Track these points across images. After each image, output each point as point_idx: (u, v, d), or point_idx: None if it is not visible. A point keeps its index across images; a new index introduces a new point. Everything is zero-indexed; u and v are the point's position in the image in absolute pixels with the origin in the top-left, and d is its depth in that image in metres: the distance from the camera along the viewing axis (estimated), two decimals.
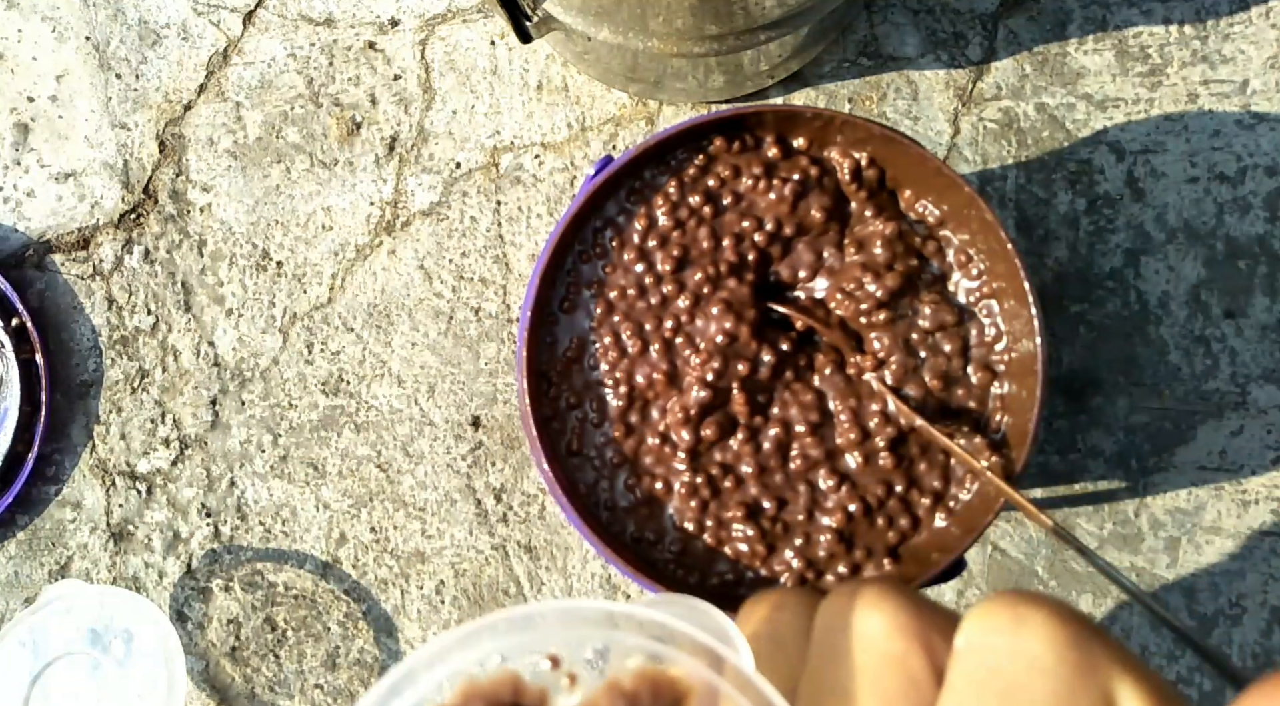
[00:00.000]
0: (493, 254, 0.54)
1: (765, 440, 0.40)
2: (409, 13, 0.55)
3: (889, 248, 0.41)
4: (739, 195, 0.41)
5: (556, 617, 0.16)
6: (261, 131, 0.55)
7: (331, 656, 0.53)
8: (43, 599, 0.51)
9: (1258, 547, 0.51)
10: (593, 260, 0.41)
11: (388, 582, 0.53)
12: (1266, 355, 0.51)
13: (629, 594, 0.52)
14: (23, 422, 0.53)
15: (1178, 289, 0.52)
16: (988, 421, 0.40)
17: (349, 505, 0.53)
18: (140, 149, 0.55)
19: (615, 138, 0.54)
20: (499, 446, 0.53)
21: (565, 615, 0.17)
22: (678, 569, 0.40)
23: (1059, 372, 0.52)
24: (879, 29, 0.53)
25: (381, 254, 0.54)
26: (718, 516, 0.40)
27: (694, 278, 0.41)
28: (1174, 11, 0.53)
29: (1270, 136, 0.52)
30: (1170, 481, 0.51)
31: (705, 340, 0.40)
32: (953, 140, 0.53)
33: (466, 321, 0.53)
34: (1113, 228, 0.52)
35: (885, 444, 0.40)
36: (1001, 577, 0.51)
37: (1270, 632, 0.50)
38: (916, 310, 0.41)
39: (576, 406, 0.41)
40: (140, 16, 0.55)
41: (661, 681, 0.16)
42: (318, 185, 0.54)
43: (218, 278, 0.54)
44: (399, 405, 0.53)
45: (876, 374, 0.40)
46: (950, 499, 0.40)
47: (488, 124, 0.54)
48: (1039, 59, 0.53)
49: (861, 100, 0.53)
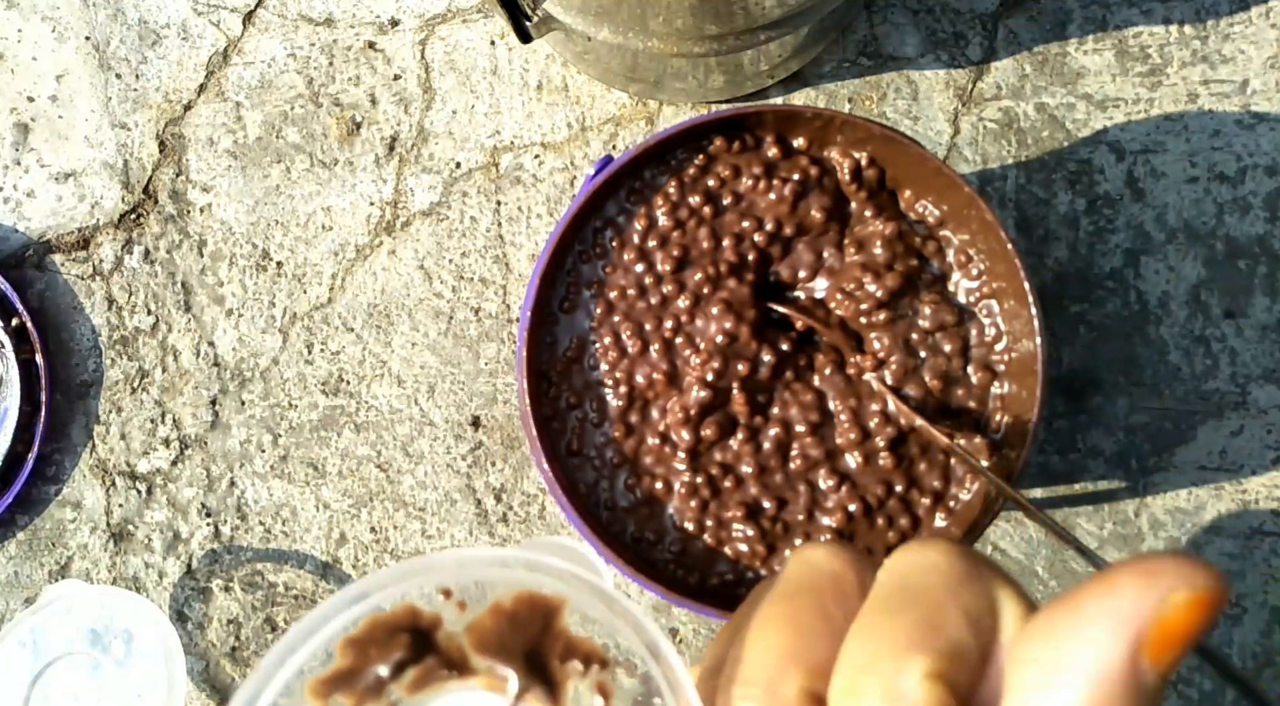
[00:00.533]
0: (493, 254, 0.54)
1: (765, 440, 0.40)
2: (409, 13, 0.55)
3: (889, 248, 0.41)
4: (739, 195, 0.41)
5: (452, 561, 0.19)
6: (261, 131, 0.55)
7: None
8: (43, 599, 0.51)
9: (1258, 547, 0.51)
10: (593, 260, 0.41)
11: None
12: (1266, 355, 0.51)
13: (629, 594, 0.52)
14: (23, 422, 0.53)
15: (1178, 289, 0.52)
16: (988, 421, 0.40)
17: (349, 505, 0.53)
18: (140, 149, 0.55)
19: (615, 138, 0.54)
20: (499, 446, 0.53)
21: (458, 560, 0.19)
22: (678, 569, 0.40)
23: (1059, 372, 0.52)
24: (879, 29, 0.53)
25: (381, 254, 0.54)
26: (718, 516, 0.40)
27: (694, 278, 0.41)
28: (1174, 11, 0.53)
29: (1270, 136, 0.52)
30: (1170, 481, 0.51)
31: (705, 340, 0.40)
32: (953, 140, 0.53)
33: (466, 321, 0.53)
34: (1113, 228, 0.52)
35: (885, 444, 0.40)
36: None
37: (1270, 632, 0.50)
38: (916, 310, 0.41)
39: (576, 406, 0.41)
40: (140, 16, 0.55)
41: (536, 598, 0.19)
42: (318, 185, 0.54)
43: (218, 278, 0.54)
44: (399, 405, 0.53)
45: (876, 374, 0.40)
46: (950, 499, 0.40)
47: (488, 124, 0.54)
48: (1039, 59, 0.53)
49: (861, 100, 0.53)
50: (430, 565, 0.19)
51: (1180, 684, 0.51)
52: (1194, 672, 0.51)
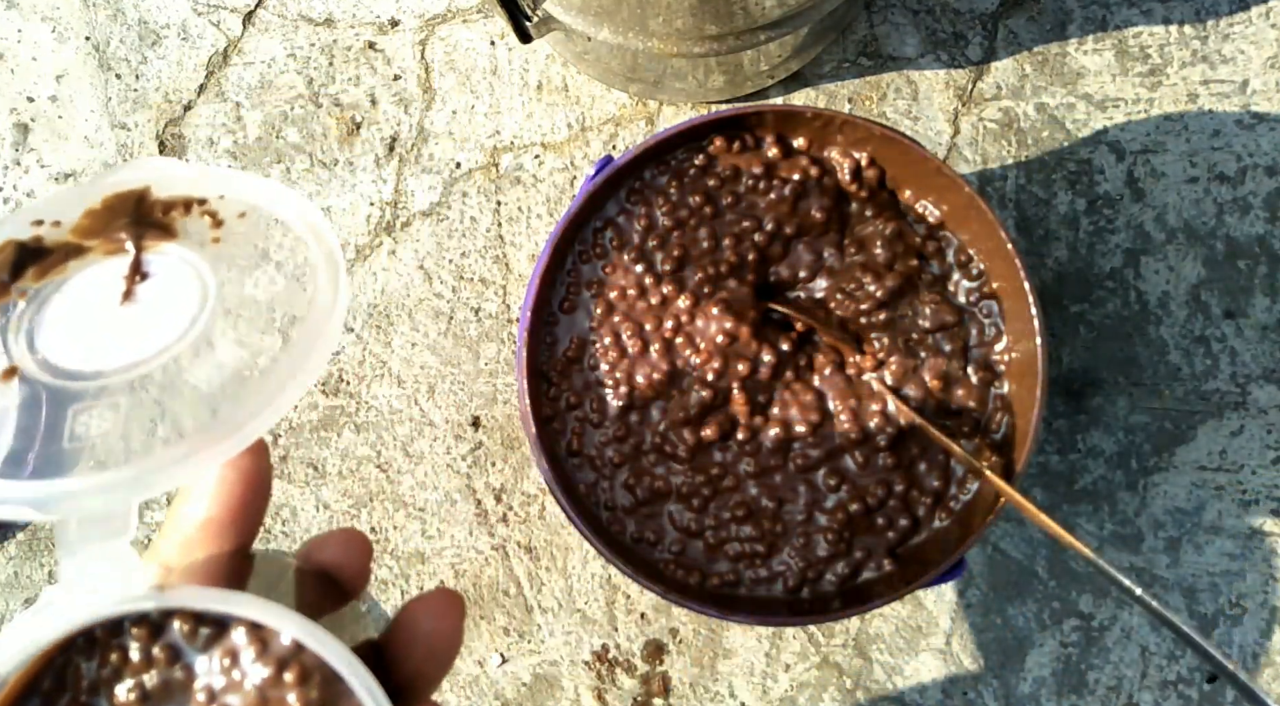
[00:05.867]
0: (493, 254, 0.54)
1: (765, 440, 0.40)
2: (409, 13, 0.55)
3: (889, 248, 0.41)
4: (739, 195, 0.41)
5: (36, 202, 0.22)
6: (261, 131, 0.55)
7: None
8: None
9: (1258, 547, 0.51)
10: (593, 260, 0.41)
11: (388, 583, 0.53)
12: (1266, 355, 0.51)
13: (629, 594, 0.52)
14: None
15: (1178, 289, 0.52)
16: (988, 421, 0.40)
17: (349, 505, 0.53)
18: (140, 149, 0.55)
19: (615, 138, 0.54)
20: (499, 446, 0.53)
21: (41, 199, 0.23)
22: (678, 569, 0.40)
23: (1059, 373, 0.52)
24: (879, 29, 0.53)
25: (381, 254, 0.54)
26: (718, 516, 0.40)
27: (694, 278, 0.41)
28: (1174, 11, 0.53)
29: (1270, 136, 0.52)
30: (1170, 481, 0.51)
31: (705, 340, 0.40)
32: (953, 140, 0.53)
33: (466, 321, 0.53)
34: (1113, 228, 0.52)
35: (885, 444, 0.40)
36: (1001, 577, 0.51)
37: (1270, 632, 0.50)
38: (916, 310, 0.41)
39: (576, 406, 0.41)
40: (140, 16, 0.55)
41: (122, 191, 0.22)
42: (318, 185, 0.54)
43: None
44: (399, 405, 0.53)
45: (876, 374, 0.40)
46: (950, 499, 0.40)
47: (488, 124, 0.54)
48: (1039, 59, 0.53)
49: (861, 100, 0.53)
50: (17, 210, 0.21)
51: (1180, 684, 0.51)
52: (1194, 673, 0.51)
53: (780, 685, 0.51)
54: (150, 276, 0.22)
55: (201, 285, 0.22)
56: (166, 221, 0.22)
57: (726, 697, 0.52)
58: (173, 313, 0.21)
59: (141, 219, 0.22)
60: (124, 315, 0.21)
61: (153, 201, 0.22)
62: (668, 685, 0.52)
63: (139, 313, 0.21)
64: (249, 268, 0.22)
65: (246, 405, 0.19)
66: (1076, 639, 0.51)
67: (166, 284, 0.22)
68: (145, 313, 0.21)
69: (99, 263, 0.22)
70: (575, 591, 0.52)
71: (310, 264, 0.21)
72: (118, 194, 0.22)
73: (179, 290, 0.22)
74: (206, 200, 0.22)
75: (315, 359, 0.20)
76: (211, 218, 0.22)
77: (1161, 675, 0.51)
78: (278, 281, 0.22)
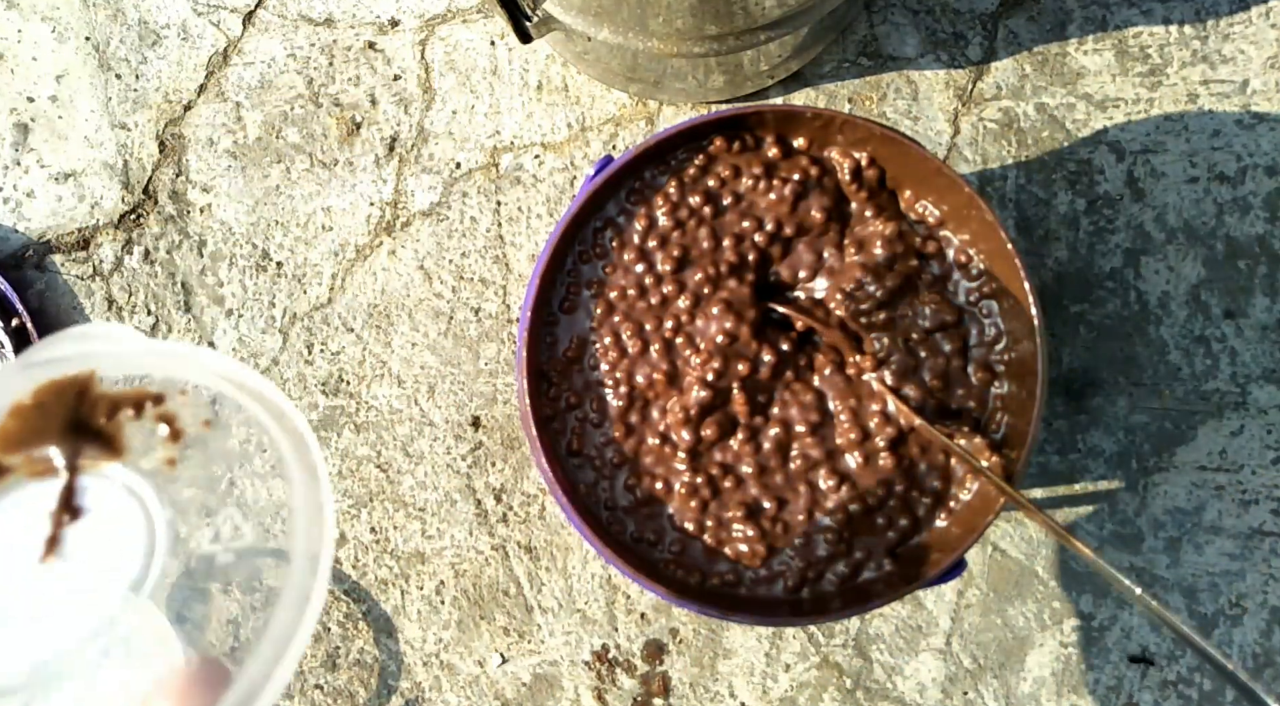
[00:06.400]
0: (493, 254, 0.54)
1: (765, 440, 0.40)
2: (409, 13, 0.55)
3: (889, 247, 0.41)
4: (739, 195, 0.41)
5: None
6: (261, 132, 0.55)
7: (331, 656, 0.53)
8: None
9: (1258, 547, 0.51)
10: (593, 260, 0.41)
11: (388, 583, 0.53)
12: (1266, 355, 0.51)
13: (629, 594, 0.52)
14: None
15: (1178, 289, 0.52)
16: (988, 421, 0.40)
17: (349, 505, 0.53)
18: (140, 149, 0.55)
19: (615, 138, 0.54)
20: (499, 446, 0.53)
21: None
22: (678, 569, 0.40)
23: (1059, 372, 0.52)
24: (879, 29, 0.53)
25: (381, 254, 0.54)
26: (718, 516, 0.40)
27: (694, 278, 0.41)
28: (1174, 11, 0.53)
29: (1270, 136, 0.52)
30: (1170, 481, 0.51)
31: (705, 340, 0.40)
32: (953, 140, 0.53)
33: (466, 321, 0.53)
34: (1113, 228, 0.52)
35: (885, 444, 0.40)
36: (1001, 577, 0.51)
37: (1270, 632, 0.50)
38: (916, 310, 0.41)
39: (576, 406, 0.41)
40: (140, 17, 0.55)
41: (59, 383, 0.18)
42: (318, 185, 0.54)
43: (218, 278, 0.54)
44: (399, 405, 0.53)
45: (876, 374, 0.40)
46: (950, 499, 0.40)
47: (488, 124, 0.54)
48: (1039, 59, 0.53)
49: (861, 100, 0.53)
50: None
51: (1180, 684, 0.51)
52: (1194, 672, 0.51)
53: (780, 685, 0.51)
54: (83, 514, 0.17)
55: (148, 532, 0.17)
56: (110, 430, 0.18)
57: (726, 697, 0.52)
58: (103, 582, 0.16)
59: (80, 424, 0.18)
60: (40, 582, 0.16)
61: (96, 398, 0.18)
62: (668, 685, 0.52)
63: (60, 579, 0.16)
64: (211, 507, 0.18)
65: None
66: (1076, 639, 0.51)
67: (102, 530, 0.17)
68: (68, 578, 0.16)
69: (20, 488, 0.17)
70: (575, 591, 0.52)
71: (290, 508, 0.17)
72: (53, 382, 0.18)
73: (117, 541, 0.16)
74: (164, 398, 0.18)
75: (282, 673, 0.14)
76: (169, 425, 0.18)
77: (1161, 675, 0.51)
78: (244, 532, 0.19)
